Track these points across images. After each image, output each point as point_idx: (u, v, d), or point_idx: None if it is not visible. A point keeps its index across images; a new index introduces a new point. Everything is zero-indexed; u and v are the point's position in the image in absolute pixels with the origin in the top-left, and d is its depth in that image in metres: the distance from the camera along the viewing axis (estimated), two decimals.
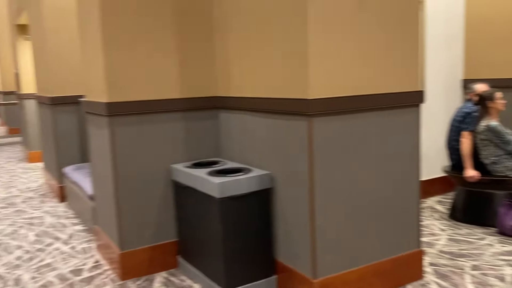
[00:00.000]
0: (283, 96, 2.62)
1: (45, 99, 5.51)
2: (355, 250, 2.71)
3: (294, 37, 2.48)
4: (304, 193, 2.56)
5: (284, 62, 2.59)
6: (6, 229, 4.40)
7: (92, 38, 3.19)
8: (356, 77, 2.57)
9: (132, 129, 3.11)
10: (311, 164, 2.49)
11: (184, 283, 3.08)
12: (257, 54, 2.83)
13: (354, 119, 2.60)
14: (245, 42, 2.95)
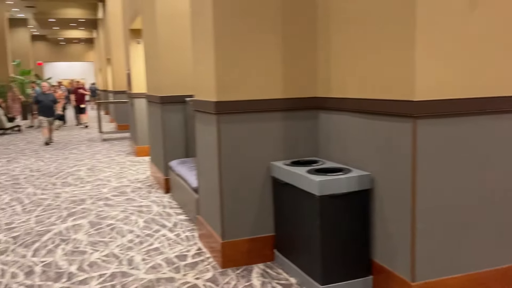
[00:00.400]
0: (387, 98, 2.64)
1: (154, 98, 5.98)
2: (458, 256, 2.64)
3: (400, 37, 2.50)
4: (405, 195, 2.56)
5: (389, 63, 2.61)
6: (119, 214, 4.85)
7: (203, 39, 3.44)
8: (466, 79, 2.52)
9: (237, 127, 3.31)
10: (414, 167, 2.49)
11: (280, 276, 3.21)
12: (361, 54, 2.87)
13: (461, 122, 2.54)
14: (348, 42, 3.00)
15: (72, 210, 5.05)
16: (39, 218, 4.80)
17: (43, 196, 5.78)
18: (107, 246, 3.91)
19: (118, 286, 3.12)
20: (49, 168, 7.79)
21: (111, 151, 9.65)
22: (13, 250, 3.86)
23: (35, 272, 3.39)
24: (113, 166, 7.82)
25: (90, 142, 11.17)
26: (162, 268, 3.40)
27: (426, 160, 2.50)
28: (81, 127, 15.15)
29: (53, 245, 3.96)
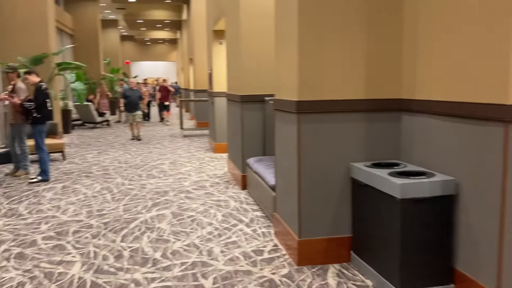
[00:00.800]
0: (477, 101, 2.55)
1: (234, 97, 6.16)
2: None
3: (494, 38, 2.40)
4: (494, 203, 2.46)
5: (480, 65, 2.51)
6: (199, 207, 5.07)
7: (287, 39, 3.51)
8: None
9: (318, 126, 3.34)
10: (505, 173, 2.38)
11: (356, 277, 3.20)
12: (449, 55, 2.79)
13: None
14: (436, 43, 2.93)
15: (156, 201, 5.36)
16: (126, 206, 5.15)
17: (130, 186, 6.17)
18: (188, 236, 4.11)
19: (198, 275, 3.28)
20: (135, 160, 8.29)
21: (191, 147, 10.05)
22: (104, 235, 4.18)
23: (124, 256, 3.65)
24: (193, 161, 8.15)
25: (172, 138, 11.70)
26: (240, 261, 3.52)
27: None
28: (164, 124, 15.59)
29: (139, 232, 4.23)
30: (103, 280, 3.20)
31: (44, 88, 6.60)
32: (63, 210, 5.04)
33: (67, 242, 4.00)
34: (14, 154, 7.01)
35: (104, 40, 23.94)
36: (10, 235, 4.19)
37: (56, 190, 6.01)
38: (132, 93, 11.56)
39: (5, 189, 6.07)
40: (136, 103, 11.48)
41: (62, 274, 3.33)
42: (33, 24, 11.23)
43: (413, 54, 3.22)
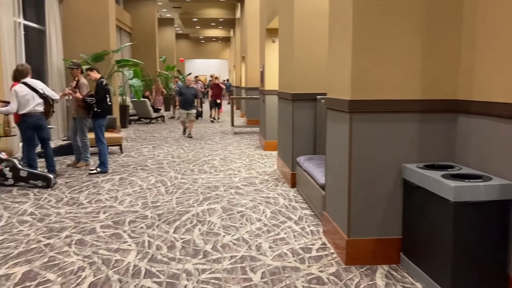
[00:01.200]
0: None
1: (286, 95, 6.20)
2: None
3: None
4: None
5: None
6: (248, 203, 5.16)
7: (341, 38, 3.51)
8: None
9: (370, 126, 3.33)
10: None
11: (405, 279, 3.16)
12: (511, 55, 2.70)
13: None
14: (497, 42, 2.83)
15: (207, 195, 5.50)
16: (179, 199, 5.32)
17: (182, 180, 6.37)
18: (238, 230, 4.21)
19: (247, 269, 3.36)
20: (188, 155, 8.52)
21: (242, 144, 10.19)
22: (157, 226, 4.35)
23: (176, 247, 3.79)
24: (243, 158, 8.27)
25: (222, 135, 11.91)
26: (288, 258, 3.57)
27: None
28: (216, 121, 15.67)
29: (191, 225, 4.38)
30: (156, 269, 3.35)
31: (105, 84, 6.93)
32: (120, 200, 5.28)
33: (123, 231, 4.20)
34: (76, 147, 7.40)
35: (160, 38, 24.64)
36: (71, 223, 4.45)
37: (113, 181, 6.30)
38: (187, 90, 11.46)
39: (67, 179, 6.43)
40: (191, 101, 11.38)
41: (119, 261, 3.51)
42: (96, 23, 11.77)
43: (472, 53, 3.13)
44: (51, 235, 4.09)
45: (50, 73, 10.85)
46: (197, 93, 11.80)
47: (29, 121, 6.08)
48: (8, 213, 4.77)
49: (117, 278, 3.19)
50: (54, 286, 3.08)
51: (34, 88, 6.11)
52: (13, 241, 3.95)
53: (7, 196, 5.47)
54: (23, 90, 6.02)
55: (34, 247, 3.80)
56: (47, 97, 6.28)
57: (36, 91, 6.11)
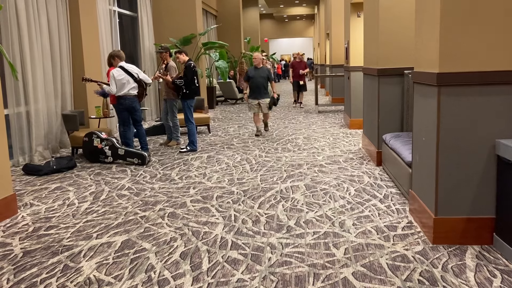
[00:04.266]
0: None
1: (371, 71, 6.03)
2: None
3: None
4: None
5: None
6: (331, 181, 5.15)
7: (429, 8, 3.34)
8: None
9: (460, 100, 3.15)
10: None
11: (498, 261, 3.00)
12: None
13: None
14: None
15: (290, 173, 5.57)
16: (263, 177, 5.45)
17: (267, 158, 6.50)
18: (321, 207, 4.23)
19: (330, 244, 3.39)
20: (272, 135, 8.64)
21: (326, 122, 10.10)
22: (243, 201, 4.51)
23: (261, 222, 3.91)
24: (327, 136, 8.21)
25: (306, 114, 11.88)
26: (372, 235, 3.54)
27: None
28: (297, 106, 13.73)
29: (275, 201, 4.48)
30: (242, 242, 3.49)
31: (193, 66, 7.21)
32: (208, 177, 5.53)
33: (211, 205, 4.42)
34: (167, 127, 7.83)
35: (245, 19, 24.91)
36: (164, 197, 4.76)
37: (202, 159, 6.60)
38: (256, 73, 8.38)
39: (160, 157, 6.84)
40: (262, 86, 8.38)
41: (207, 233, 3.70)
42: (183, 7, 12.21)
43: None
44: (146, 208, 4.41)
45: (143, 57, 11.49)
46: (270, 74, 8.53)
47: (124, 103, 6.53)
48: (108, 188, 5.20)
49: (205, 249, 3.38)
50: (149, 254, 3.34)
51: (130, 72, 6.53)
52: (113, 213, 4.32)
53: (107, 173, 5.96)
54: (120, 74, 6.46)
55: (131, 218, 4.13)
56: (141, 81, 6.68)
57: (131, 75, 6.53)
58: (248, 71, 8.59)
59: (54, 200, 4.80)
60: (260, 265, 3.07)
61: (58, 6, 7.47)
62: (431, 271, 2.91)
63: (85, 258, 3.30)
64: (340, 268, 2.99)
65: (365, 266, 3.01)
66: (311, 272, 2.95)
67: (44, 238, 3.71)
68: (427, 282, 2.77)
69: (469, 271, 2.88)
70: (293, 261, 3.12)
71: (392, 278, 2.84)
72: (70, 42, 7.81)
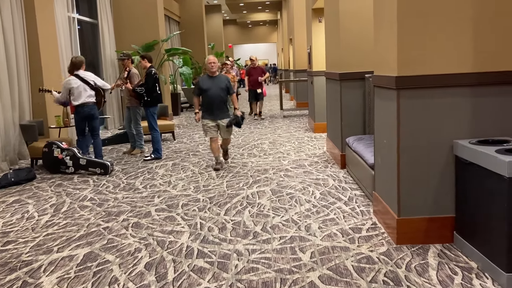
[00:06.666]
0: None
1: (333, 75, 6.12)
2: None
3: None
4: None
5: None
6: (297, 185, 5.17)
7: (386, 11, 3.41)
8: None
9: (419, 103, 3.23)
10: None
11: (459, 258, 3.08)
12: None
13: None
14: None
15: (256, 178, 5.57)
16: (229, 183, 5.42)
17: (233, 164, 6.47)
18: (287, 212, 4.24)
19: (296, 249, 3.39)
20: (237, 140, 8.62)
21: (291, 127, 10.17)
22: (209, 208, 4.47)
23: (227, 229, 3.88)
24: (293, 141, 8.27)
25: (272, 118, 11.93)
26: (337, 238, 3.57)
27: None
28: (255, 118, 11.99)
29: (241, 207, 4.46)
30: (208, 250, 3.45)
31: (154, 73, 7.11)
32: (173, 185, 5.45)
33: (177, 214, 4.35)
34: (131, 135, 7.69)
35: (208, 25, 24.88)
36: (128, 207, 4.66)
37: (167, 167, 6.51)
38: (211, 84, 6.04)
39: (123, 166, 6.71)
40: (220, 101, 6.08)
41: (173, 242, 3.64)
42: (145, 14, 12.07)
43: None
44: (110, 218, 4.31)
45: (104, 64, 11.27)
46: (230, 85, 6.19)
47: (82, 111, 6.38)
48: (70, 199, 5.06)
49: (171, 259, 3.32)
50: (113, 266, 3.25)
51: (86, 80, 6.40)
52: (75, 225, 4.19)
53: (68, 184, 5.80)
54: (76, 82, 6.33)
55: (94, 230, 4.02)
56: (99, 88, 6.55)
57: (87, 83, 6.40)
58: (199, 81, 6.16)
59: (12, 214, 4.62)
60: (226, 273, 3.05)
61: (14, 14, 7.23)
62: (395, 271, 2.96)
63: (45, 273, 3.19)
64: (306, 272, 2.99)
65: (331, 269, 3.02)
66: (278, 278, 2.94)
67: (1, 254, 3.56)
68: (392, 282, 2.81)
69: (431, 270, 2.94)
70: (260, 267, 3.10)
71: (358, 280, 2.86)
72: (27, 51, 7.56)
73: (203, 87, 6.03)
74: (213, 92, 6.00)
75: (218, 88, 6.02)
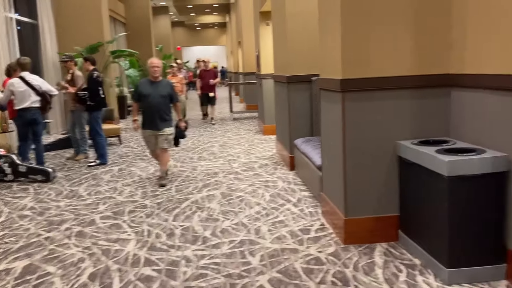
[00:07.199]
0: None
1: (281, 78, 6.16)
2: None
3: None
4: None
5: None
6: (247, 188, 5.16)
7: (330, 16, 3.47)
8: None
9: (363, 105, 3.30)
10: None
11: (404, 256, 3.17)
12: (502, 26, 2.65)
13: None
14: (486, 15, 2.79)
15: (206, 182, 5.51)
16: (178, 187, 5.33)
17: (182, 168, 6.37)
18: (237, 215, 4.21)
19: (246, 252, 3.37)
20: (187, 143, 8.51)
21: (241, 129, 10.17)
22: (157, 214, 4.36)
23: (175, 234, 3.80)
24: (242, 143, 8.26)
25: (222, 121, 11.88)
26: (287, 240, 3.58)
27: None
28: (207, 121, 11.74)
29: (190, 212, 4.38)
30: (155, 257, 3.36)
31: (96, 77, 6.87)
32: (119, 191, 5.29)
33: (123, 221, 4.22)
34: (74, 140, 7.40)
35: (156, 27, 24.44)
36: (71, 215, 4.46)
37: (113, 172, 6.31)
38: (152, 89, 5.47)
39: (66, 172, 6.44)
40: (161, 110, 5.45)
41: (118, 251, 3.52)
42: (88, 14, 11.67)
43: (463, 27, 3.08)
44: (51, 228, 4.11)
45: (45, 67, 10.80)
46: (173, 92, 5.63)
47: (24, 116, 6.08)
48: (8, 209, 4.78)
49: (116, 268, 3.21)
50: (54, 278, 3.09)
51: (31, 84, 6.09)
52: (13, 236, 3.96)
53: (7, 192, 5.49)
54: (20, 86, 6.02)
55: (34, 241, 3.82)
56: (45, 93, 6.25)
57: (32, 87, 6.09)
58: (139, 85, 5.65)
59: None
60: (174, 280, 2.97)
61: None
62: (343, 271, 3.00)
63: None
64: (256, 276, 2.98)
65: (281, 272, 3.02)
66: (227, 283, 2.90)
67: None
68: (340, 282, 2.85)
69: (377, 268, 3.01)
70: (209, 273, 3.05)
71: (307, 282, 2.88)
72: None
73: (143, 92, 5.47)
74: (154, 99, 5.41)
75: (159, 95, 5.42)
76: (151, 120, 5.46)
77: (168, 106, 5.53)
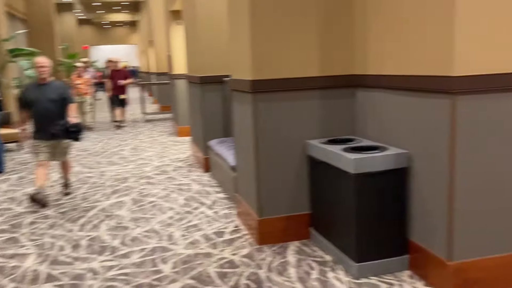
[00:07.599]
0: (424, 74, 2.57)
1: (194, 78, 6.05)
2: (496, 236, 2.57)
3: (439, 12, 2.41)
4: (443, 174, 2.50)
5: (426, 38, 2.52)
6: (160, 192, 4.99)
7: (239, 18, 3.44)
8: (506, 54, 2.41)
9: (273, 106, 3.31)
10: (453, 145, 2.42)
11: (315, 253, 3.23)
12: (398, 30, 2.79)
13: (503, 98, 2.44)
14: (386, 19, 2.92)
15: (116, 188, 5.25)
16: (85, 195, 5.02)
17: (89, 174, 6.02)
18: (148, 222, 4.05)
19: (157, 260, 3.23)
20: (95, 147, 8.08)
21: (154, 131, 9.88)
22: (60, 225, 4.06)
23: (81, 246, 3.56)
24: (155, 146, 8.01)
25: (133, 123, 11.47)
26: (200, 244, 3.49)
27: (466, 137, 2.43)
28: (116, 125, 10.70)
29: (97, 221, 4.13)
30: (58, 271, 3.11)
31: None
32: (18, 201, 4.87)
33: (21, 234, 3.87)
34: None
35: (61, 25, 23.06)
36: None
37: (11, 181, 5.80)
38: (39, 93, 4.68)
39: None
40: (54, 116, 4.66)
41: (15, 267, 3.21)
42: None
43: (364, 31, 3.21)
44: None
45: None
46: (67, 93, 4.85)
47: None
48: None
49: (13, 286, 2.92)
50: None
51: None
52: None
53: None
54: None
55: None
56: None
57: None
58: (25, 90, 4.88)
59: None
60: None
61: None
62: (257, 273, 2.98)
63: None
64: (167, 285, 2.86)
65: (194, 278, 2.94)
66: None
67: None
68: (254, 284, 2.82)
69: (291, 268, 3.03)
70: (117, 285, 2.89)
71: (221, 286, 2.82)
72: None
73: (29, 97, 4.66)
74: (41, 104, 4.62)
75: (47, 100, 4.62)
76: (42, 128, 4.68)
77: (61, 110, 4.72)
